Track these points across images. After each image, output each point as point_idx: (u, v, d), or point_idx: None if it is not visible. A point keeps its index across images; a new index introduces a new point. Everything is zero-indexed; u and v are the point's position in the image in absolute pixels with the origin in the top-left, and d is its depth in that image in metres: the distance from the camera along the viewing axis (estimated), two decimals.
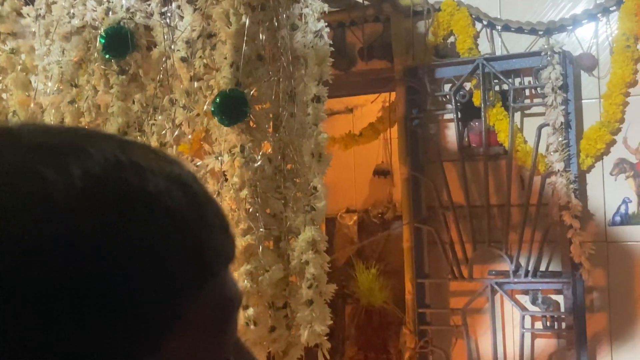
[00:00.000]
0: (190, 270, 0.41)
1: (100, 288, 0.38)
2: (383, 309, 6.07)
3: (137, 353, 0.39)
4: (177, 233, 0.41)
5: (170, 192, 0.42)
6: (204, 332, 0.42)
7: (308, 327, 2.67)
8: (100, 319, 0.38)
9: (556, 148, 3.33)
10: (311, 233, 2.69)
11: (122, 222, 0.39)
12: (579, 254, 3.28)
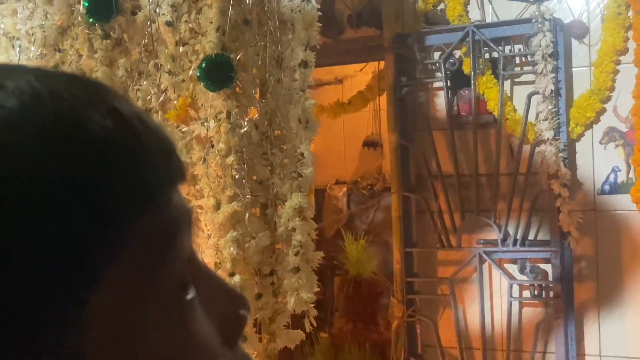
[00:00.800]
0: (126, 196, 0.40)
1: (29, 223, 0.36)
2: (372, 280, 6.07)
3: (77, 287, 0.38)
4: (106, 160, 0.39)
5: (97, 119, 0.40)
6: (149, 257, 0.40)
7: (295, 294, 2.66)
8: (36, 255, 0.36)
9: (546, 116, 3.31)
10: (298, 200, 2.67)
11: (47, 153, 0.38)
12: (567, 222, 3.27)
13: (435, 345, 3.62)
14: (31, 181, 0.37)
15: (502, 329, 3.52)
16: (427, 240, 3.68)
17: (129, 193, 0.40)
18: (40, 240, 0.37)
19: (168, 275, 0.42)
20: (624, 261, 3.35)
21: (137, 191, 0.40)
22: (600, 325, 3.39)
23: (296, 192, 2.68)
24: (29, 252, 0.36)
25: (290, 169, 2.71)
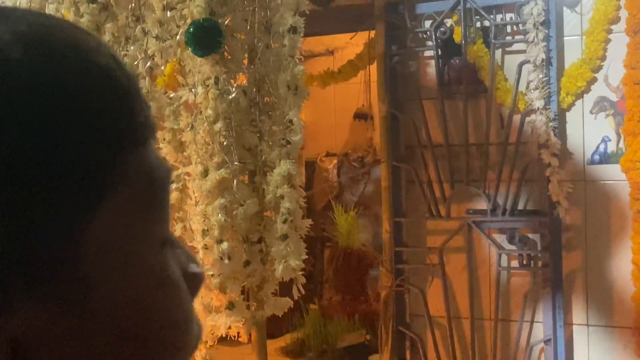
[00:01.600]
0: (125, 130, 0.42)
1: (29, 153, 0.38)
2: (361, 252, 6.08)
3: (75, 220, 0.39)
4: (110, 94, 0.41)
5: (102, 58, 0.42)
6: (140, 200, 0.42)
7: (283, 261, 2.64)
8: (36, 182, 0.38)
9: (536, 85, 3.29)
10: (286, 167, 2.65)
11: (56, 75, 0.39)
12: (556, 192, 3.27)
13: (423, 315, 3.62)
14: (45, 104, 0.39)
15: (490, 298, 3.52)
16: (417, 210, 3.67)
17: (131, 128, 0.42)
18: (52, 157, 0.38)
19: (154, 227, 0.43)
20: (612, 231, 3.35)
21: (136, 129, 0.42)
22: (587, 294, 3.40)
23: (285, 159, 2.66)
24: (40, 169, 0.38)
25: (279, 136, 2.69)
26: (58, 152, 0.38)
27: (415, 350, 3.66)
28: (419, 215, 3.65)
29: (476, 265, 3.54)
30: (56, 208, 0.38)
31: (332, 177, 7.09)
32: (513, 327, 3.48)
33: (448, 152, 3.55)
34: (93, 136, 0.40)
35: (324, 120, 7.13)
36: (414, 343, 3.66)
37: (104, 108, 0.41)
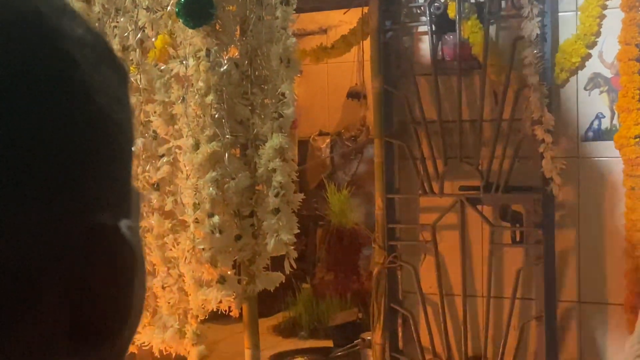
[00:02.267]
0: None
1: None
2: (354, 230, 6.08)
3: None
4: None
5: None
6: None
7: (274, 236, 2.63)
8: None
9: (530, 61, 3.26)
10: (279, 140, 2.62)
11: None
12: (550, 169, 3.24)
13: (415, 292, 3.61)
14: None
15: (483, 275, 3.51)
16: (409, 186, 3.65)
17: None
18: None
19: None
20: (606, 208, 3.34)
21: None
22: (580, 271, 3.39)
23: (277, 133, 2.64)
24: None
25: (271, 109, 2.66)
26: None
27: (407, 327, 3.65)
28: (412, 192, 3.63)
29: (469, 242, 3.53)
30: None
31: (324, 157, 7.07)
32: (505, 304, 3.47)
33: (441, 128, 3.53)
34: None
35: (317, 100, 7.09)
36: (406, 320, 3.65)
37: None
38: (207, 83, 2.61)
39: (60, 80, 0.39)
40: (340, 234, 6.11)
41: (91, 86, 0.40)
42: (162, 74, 2.74)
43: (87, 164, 0.40)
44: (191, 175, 2.65)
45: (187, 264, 2.65)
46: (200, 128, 2.65)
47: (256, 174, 2.66)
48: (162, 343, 2.75)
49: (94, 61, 0.41)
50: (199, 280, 2.64)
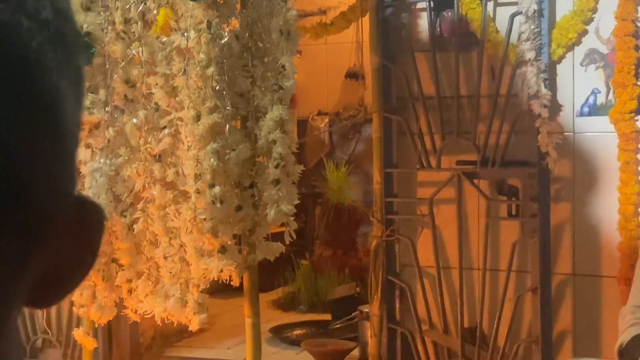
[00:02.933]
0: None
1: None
2: (352, 208, 6.08)
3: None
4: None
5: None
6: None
7: (275, 206, 2.62)
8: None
9: (528, 37, 3.24)
10: (279, 112, 2.61)
11: None
12: (546, 143, 3.23)
13: (413, 265, 3.61)
14: None
15: (479, 248, 3.51)
16: (407, 161, 3.64)
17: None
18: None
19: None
20: (600, 182, 3.33)
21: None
22: (574, 244, 3.39)
23: (277, 105, 2.62)
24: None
25: (272, 81, 2.65)
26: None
27: (405, 299, 3.65)
28: (410, 167, 3.62)
29: (465, 215, 3.52)
30: None
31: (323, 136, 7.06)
32: (501, 276, 3.47)
33: (439, 104, 3.51)
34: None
35: (316, 80, 7.07)
36: (403, 292, 3.65)
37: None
38: (208, 55, 2.59)
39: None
40: (339, 211, 6.11)
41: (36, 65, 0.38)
42: (163, 46, 2.72)
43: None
44: (192, 147, 2.64)
45: (189, 234, 2.65)
46: (202, 100, 2.63)
47: (256, 146, 2.65)
48: (164, 312, 2.75)
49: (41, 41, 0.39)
50: (200, 250, 2.64)
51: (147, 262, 2.79)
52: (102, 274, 2.78)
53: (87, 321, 2.97)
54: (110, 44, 2.73)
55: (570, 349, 3.41)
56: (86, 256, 0.42)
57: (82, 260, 0.42)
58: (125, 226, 2.76)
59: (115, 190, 2.71)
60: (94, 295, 2.82)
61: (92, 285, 2.80)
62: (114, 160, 2.71)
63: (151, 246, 2.79)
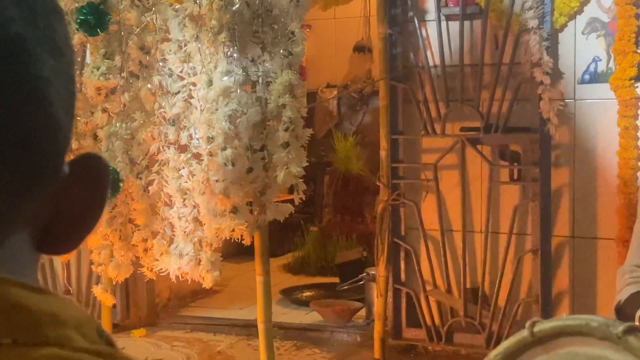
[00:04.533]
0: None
1: None
2: (359, 176, 6.05)
3: None
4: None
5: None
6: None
7: (284, 168, 2.61)
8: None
9: (531, 6, 3.20)
10: (288, 77, 2.59)
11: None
12: (547, 110, 3.20)
13: (417, 227, 3.59)
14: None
15: (481, 211, 3.49)
16: (413, 128, 3.61)
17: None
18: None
19: None
20: (599, 149, 3.30)
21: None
22: (573, 208, 3.37)
23: (287, 70, 2.60)
24: None
25: (281, 47, 2.61)
26: None
27: (409, 261, 3.64)
28: (415, 133, 3.59)
29: (468, 180, 3.50)
30: None
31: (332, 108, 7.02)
32: (502, 239, 3.45)
33: (444, 72, 3.48)
34: None
35: (324, 53, 7.02)
36: (408, 254, 3.64)
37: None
38: (220, 22, 2.56)
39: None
40: (346, 179, 6.09)
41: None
42: (176, 13, 2.69)
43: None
44: (205, 111, 2.62)
45: (202, 195, 2.64)
46: (213, 65, 2.61)
47: (267, 110, 2.63)
48: (178, 270, 2.75)
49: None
50: (213, 210, 2.63)
51: (161, 222, 2.79)
52: (119, 234, 2.78)
53: (105, 279, 2.98)
54: (125, 12, 2.70)
55: (568, 308, 3.41)
56: (93, 202, 0.46)
57: (90, 206, 0.46)
58: (140, 188, 2.76)
59: (131, 153, 2.70)
60: (111, 254, 2.82)
61: (110, 244, 2.81)
62: (130, 124, 2.69)
63: (166, 207, 2.78)
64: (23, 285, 0.41)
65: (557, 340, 0.76)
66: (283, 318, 4.17)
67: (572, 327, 0.75)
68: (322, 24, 6.75)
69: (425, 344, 3.62)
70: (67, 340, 0.39)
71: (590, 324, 0.73)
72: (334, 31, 7.00)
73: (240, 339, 3.94)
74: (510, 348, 0.79)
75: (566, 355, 0.75)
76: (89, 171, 0.46)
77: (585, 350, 0.74)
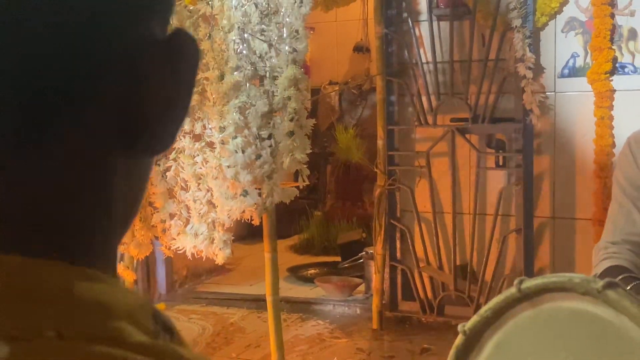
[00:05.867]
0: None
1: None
2: (359, 165, 6.04)
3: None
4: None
5: None
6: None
7: (290, 155, 2.59)
8: None
9: (515, 6, 3.17)
10: (293, 71, 2.57)
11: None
12: (530, 101, 3.18)
13: (412, 210, 3.59)
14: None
15: (470, 195, 3.48)
16: (407, 119, 3.60)
17: None
18: None
19: None
20: (577, 137, 3.29)
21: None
22: (554, 191, 3.35)
23: (291, 65, 2.58)
24: None
25: (286, 44, 2.60)
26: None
27: (404, 240, 3.64)
28: (409, 124, 3.58)
29: (458, 166, 3.49)
30: None
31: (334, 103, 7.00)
32: (489, 219, 3.44)
33: (435, 68, 3.46)
34: None
35: (327, 53, 7.00)
36: (403, 234, 3.64)
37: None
38: (230, 21, 2.55)
39: None
40: (347, 168, 6.08)
41: None
42: (191, 14, 2.68)
43: None
44: (217, 103, 2.61)
45: (215, 180, 2.63)
46: (225, 61, 2.60)
47: (273, 102, 2.62)
48: (193, 248, 2.75)
49: None
50: (225, 193, 2.62)
51: (178, 205, 2.78)
52: (139, 215, 2.78)
53: (128, 257, 2.98)
54: None
55: None
56: (188, 85, 0.37)
57: (184, 89, 0.37)
58: (159, 173, 2.75)
59: None
60: (132, 234, 2.82)
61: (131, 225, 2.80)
62: None
63: (182, 191, 2.78)
64: (71, 269, 0.33)
65: (542, 296, 0.76)
66: (290, 293, 4.17)
67: (556, 283, 0.75)
68: (324, 26, 6.72)
69: (419, 316, 3.62)
70: (119, 334, 0.32)
71: (573, 280, 0.73)
72: (335, 33, 6.97)
73: (250, 311, 3.95)
74: (499, 303, 0.79)
75: (550, 309, 0.75)
76: (181, 48, 0.37)
77: (568, 305, 0.73)
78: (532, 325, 0.76)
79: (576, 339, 0.72)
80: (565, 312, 0.73)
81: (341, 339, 3.50)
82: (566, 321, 0.73)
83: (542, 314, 0.76)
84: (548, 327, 0.74)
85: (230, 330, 3.70)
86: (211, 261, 2.80)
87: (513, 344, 0.76)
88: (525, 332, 0.76)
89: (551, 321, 0.75)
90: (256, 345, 3.42)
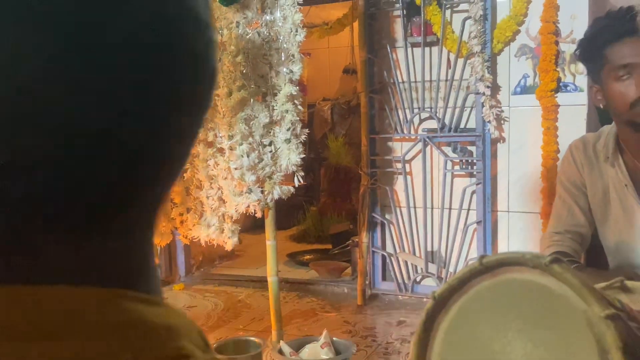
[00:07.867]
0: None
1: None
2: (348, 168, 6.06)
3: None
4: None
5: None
6: None
7: (287, 159, 2.60)
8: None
9: (475, 35, 3.18)
10: (289, 89, 2.59)
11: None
12: (488, 114, 3.21)
13: (390, 205, 3.60)
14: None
15: (439, 193, 3.50)
16: (386, 129, 3.61)
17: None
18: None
19: None
20: (528, 144, 3.31)
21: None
22: (509, 189, 3.37)
23: (288, 84, 2.59)
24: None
25: (284, 66, 2.61)
26: None
27: (384, 230, 3.66)
28: (388, 133, 3.60)
29: (429, 169, 3.51)
30: None
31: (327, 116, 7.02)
32: (454, 213, 3.46)
33: (410, 86, 3.48)
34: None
35: (321, 74, 7.03)
36: (383, 225, 3.66)
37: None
38: (237, 47, 2.57)
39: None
40: (338, 170, 6.09)
41: None
42: None
43: None
44: (226, 115, 2.63)
45: (225, 180, 2.65)
46: (232, 80, 2.61)
47: (273, 114, 2.64)
48: (207, 237, 2.76)
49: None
50: (233, 191, 2.64)
51: (194, 201, 2.80)
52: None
53: None
54: None
55: None
56: (205, 72, 0.35)
57: (202, 78, 0.35)
58: None
59: None
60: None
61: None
62: None
63: (197, 189, 2.79)
64: (137, 298, 0.31)
65: (500, 269, 0.78)
66: (289, 275, 4.19)
67: (511, 258, 0.77)
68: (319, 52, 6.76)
69: (396, 294, 3.64)
70: (185, 352, 0.30)
71: (525, 256, 0.75)
72: (327, 57, 7.01)
73: (255, 290, 3.96)
74: (465, 274, 0.81)
75: (505, 280, 0.77)
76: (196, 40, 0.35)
77: (521, 276, 0.76)
78: (490, 292, 0.78)
79: (526, 304, 0.75)
80: (518, 282, 0.75)
81: (331, 313, 3.52)
82: (519, 289, 0.76)
83: (499, 283, 0.78)
84: (503, 294, 0.76)
85: (238, 306, 3.71)
86: (222, 248, 2.82)
87: (474, 308, 0.79)
88: (485, 298, 0.78)
89: (506, 289, 0.77)
90: (260, 318, 3.43)
